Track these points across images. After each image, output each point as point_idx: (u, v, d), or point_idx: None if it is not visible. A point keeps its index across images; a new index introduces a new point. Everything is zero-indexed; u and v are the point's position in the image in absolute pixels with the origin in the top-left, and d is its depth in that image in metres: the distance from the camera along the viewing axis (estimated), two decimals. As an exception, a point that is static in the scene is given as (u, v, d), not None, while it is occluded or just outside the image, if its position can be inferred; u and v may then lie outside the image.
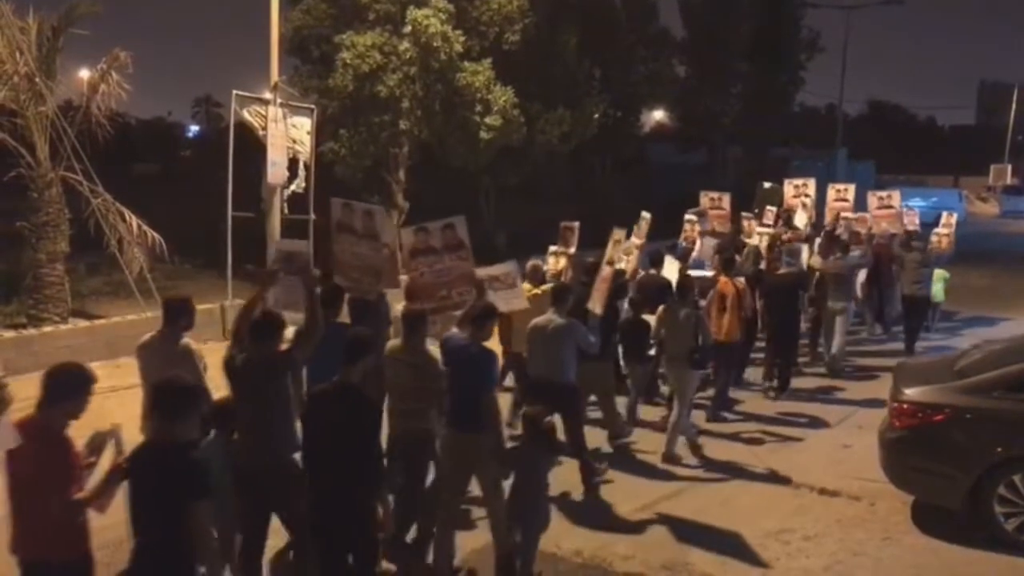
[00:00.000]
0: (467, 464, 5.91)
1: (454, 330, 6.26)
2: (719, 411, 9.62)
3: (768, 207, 14.78)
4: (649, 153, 40.82)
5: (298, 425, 5.17)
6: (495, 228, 21.03)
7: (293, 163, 13.74)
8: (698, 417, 9.22)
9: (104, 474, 4.33)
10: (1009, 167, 43.94)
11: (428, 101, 15.96)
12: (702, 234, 12.41)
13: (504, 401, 8.04)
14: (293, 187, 13.78)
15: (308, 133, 13.96)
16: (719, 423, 9.44)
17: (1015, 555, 6.37)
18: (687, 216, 12.93)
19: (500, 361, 6.79)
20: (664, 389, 9.67)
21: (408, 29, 15.40)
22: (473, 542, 6.29)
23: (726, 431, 9.22)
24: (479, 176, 19.50)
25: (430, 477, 6.10)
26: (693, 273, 10.09)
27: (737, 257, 10.75)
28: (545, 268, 9.79)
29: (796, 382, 11.02)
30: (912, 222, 15.18)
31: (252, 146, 13.66)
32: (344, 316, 7.07)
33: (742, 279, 9.97)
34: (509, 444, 6.31)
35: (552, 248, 10.64)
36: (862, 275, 12.83)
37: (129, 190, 14.74)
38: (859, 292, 12.96)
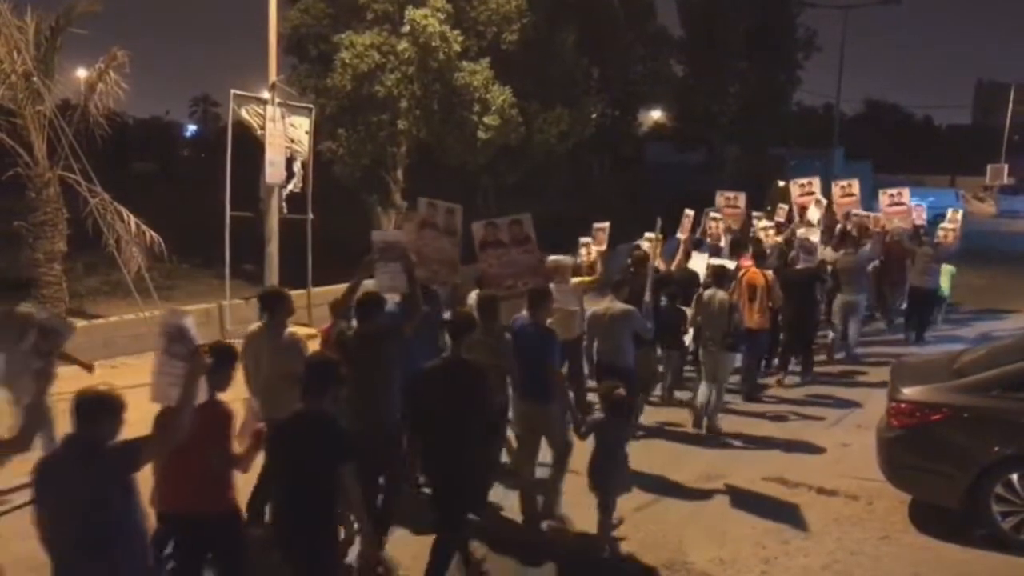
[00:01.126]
0: (536, 430, 6.64)
1: (523, 313, 6.91)
2: (753, 392, 10.33)
3: (780, 205, 15.26)
4: (647, 152, 40.88)
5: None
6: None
7: (291, 162, 13.74)
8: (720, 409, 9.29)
9: (250, 438, 4.79)
10: (1006, 167, 44.02)
11: (426, 100, 15.96)
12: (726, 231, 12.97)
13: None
14: (291, 186, 13.77)
15: (306, 132, 13.96)
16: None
17: (1012, 554, 6.38)
18: (712, 214, 13.41)
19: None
20: (680, 395, 10.09)
21: (406, 29, 15.42)
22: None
23: (725, 430, 9.24)
24: (477, 175, 19.50)
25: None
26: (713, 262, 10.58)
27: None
28: (578, 260, 10.34)
29: (793, 379, 11.11)
30: (920, 217, 15.71)
31: (250, 145, 13.65)
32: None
33: (771, 272, 10.43)
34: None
35: (583, 240, 11.18)
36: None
37: (127, 189, 14.73)
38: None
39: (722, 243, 12.46)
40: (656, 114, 41.58)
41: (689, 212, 12.93)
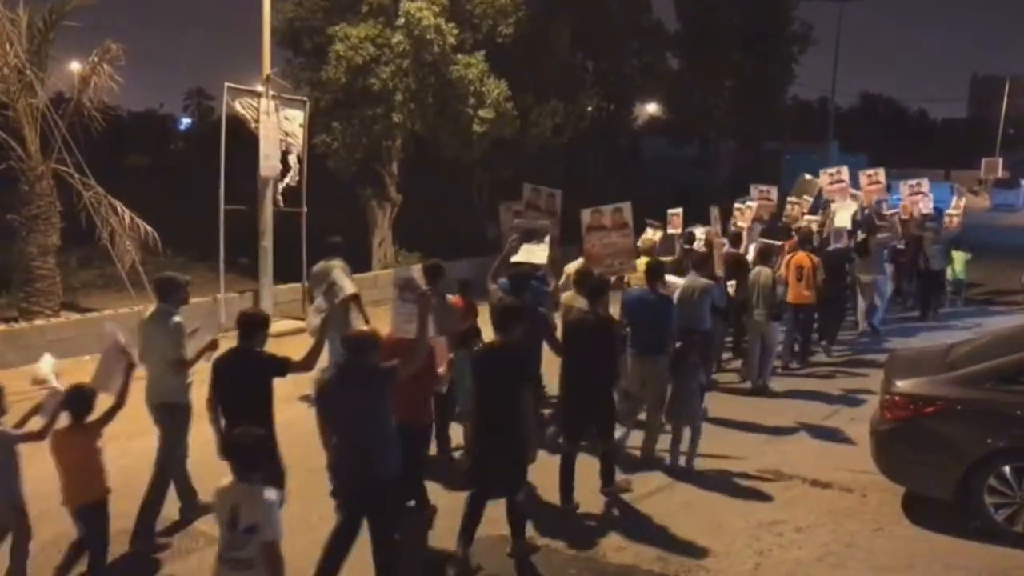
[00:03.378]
0: (647, 382, 7.98)
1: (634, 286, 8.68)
2: (804, 358, 11.84)
3: (805, 196, 16.21)
4: (642, 146, 40.88)
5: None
6: (488, 221, 20.98)
7: (286, 156, 13.70)
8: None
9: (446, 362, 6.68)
10: (1000, 160, 43.96)
11: (421, 94, 15.91)
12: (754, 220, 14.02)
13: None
14: (287, 180, 13.74)
15: (300, 126, 13.93)
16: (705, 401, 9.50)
17: (1005, 545, 6.41)
18: (736, 205, 14.40)
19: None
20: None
21: (401, 21, 15.35)
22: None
23: (721, 423, 9.25)
24: (472, 169, 19.47)
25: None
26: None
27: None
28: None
29: (789, 374, 11.18)
30: (927, 205, 16.94)
31: (245, 139, 13.61)
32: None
33: (815, 256, 11.66)
34: None
35: (650, 221, 12.48)
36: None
37: (121, 183, 14.68)
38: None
39: (744, 230, 13.20)
40: (651, 108, 41.53)
41: (739, 205, 13.97)
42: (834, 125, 40.15)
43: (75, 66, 13.72)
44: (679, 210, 13.35)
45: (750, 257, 11.51)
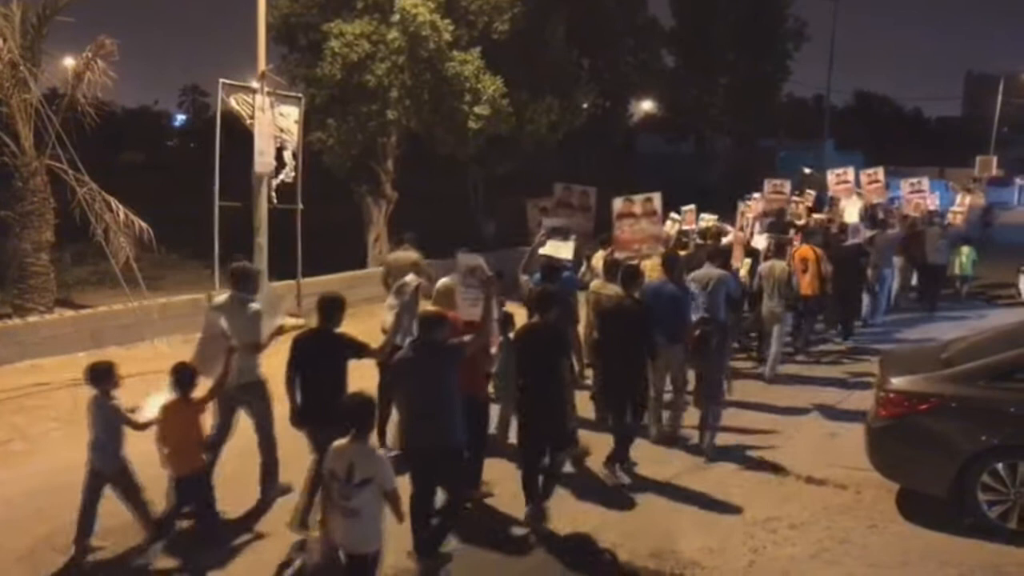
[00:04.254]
0: (667, 363, 8.45)
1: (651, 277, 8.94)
2: (808, 346, 12.49)
3: (808, 191, 16.85)
4: (637, 143, 40.85)
5: None
6: (483, 217, 21.00)
7: (281, 152, 13.65)
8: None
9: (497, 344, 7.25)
10: (995, 158, 44.10)
11: (416, 90, 15.88)
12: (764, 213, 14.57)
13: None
14: (282, 176, 13.69)
15: (296, 122, 13.87)
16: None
17: (999, 542, 6.44)
18: (747, 200, 14.92)
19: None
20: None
21: (396, 18, 15.32)
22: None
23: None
24: (468, 165, 19.45)
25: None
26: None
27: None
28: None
29: (784, 369, 11.20)
30: (933, 202, 17.89)
31: (240, 136, 13.56)
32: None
33: (819, 248, 12.18)
34: None
35: (674, 216, 13.13)
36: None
37: (115, 179, 14.63)
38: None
39: (752, 221, 13.81)
40: (646, 105, 41.49)
41: (690, 206, 14.13)
42: (829, 123, 40.12)
43: (69, 62, 13.67)
44: (692, 206, 13.87)
45: (759, 246, 12.19)
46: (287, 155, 13.72)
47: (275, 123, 13.49)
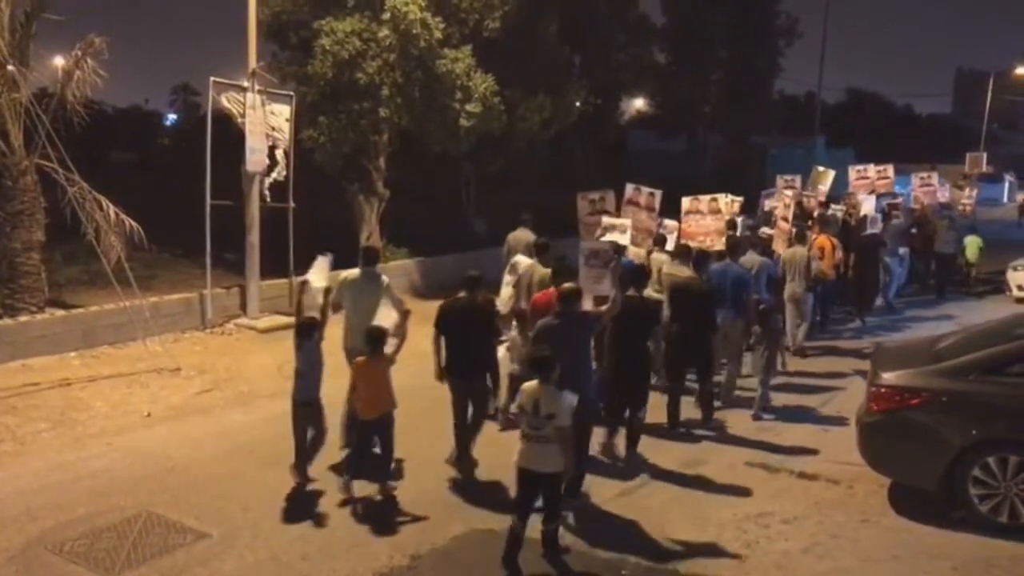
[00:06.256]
0: (729, 336, 9.63)
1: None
2: (825, 326, 13.81)
3: (819, 186, 17.76)
4: (629, 140, 40.81)
5: None
6: (475, 215, 20.99)
7: (272, 151, 13.62)
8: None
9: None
10: (984, 155, 44.22)
11: (408, 88, 15.83)
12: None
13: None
14: (274, 175, 13.66)
15: (287, 120, 13.85)
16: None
17: (989, 535, 6.48)
18: (769, 200, 15.68)
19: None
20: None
21: (387, 16, 15.27)
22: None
23: (698, 418, 9.28)
24: (459, 163, 19.42)
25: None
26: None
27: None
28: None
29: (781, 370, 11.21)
30: (943, 195, 19.26)
31: (231, 134, 13.52)
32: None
33: (835, 238, 13.50)
34: None
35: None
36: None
37: (107, 178, 14.57)
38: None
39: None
40: (638, 102, 41.56)
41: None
42: (820, 119, 40.16)
43: (58, 60, 13.59)
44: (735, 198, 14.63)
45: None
46: (278, 153, 13.69)
47: (266, 121, 13.47)
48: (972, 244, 17.91)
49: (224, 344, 12.37)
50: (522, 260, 10.04)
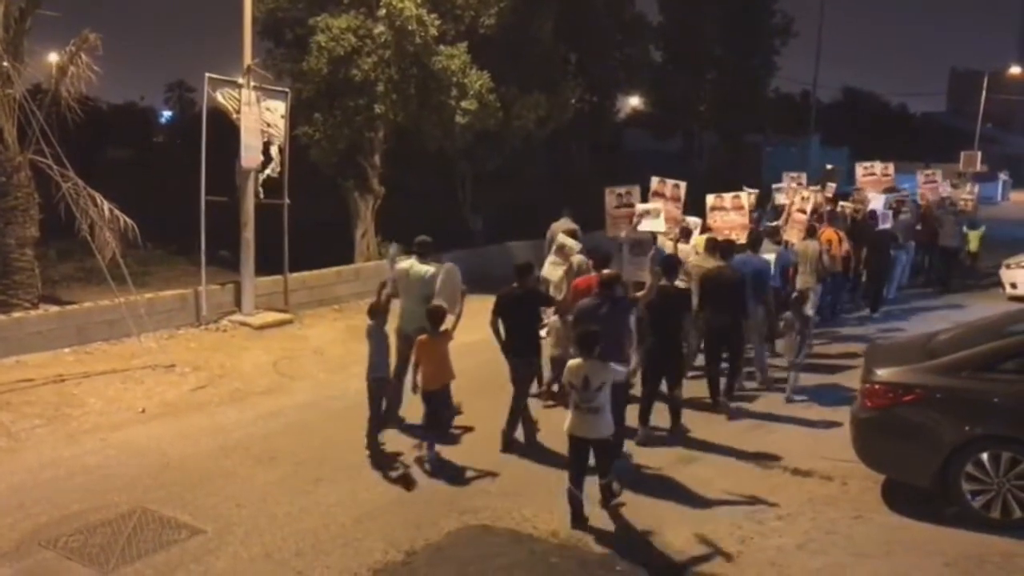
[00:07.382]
0: (752, 323, 10.14)
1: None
2: (836, 316, 14.35)
3: (829, 183, 18.42)
4: (625, 139, 40.82)
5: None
6: (471, 213, 20.96)
7: (268, 147, 13.59)
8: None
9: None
10: (979, 154, 44.37)
11: (403, 85, 15.82)
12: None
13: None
14: (269, 171, 13.63)
15: (282, 117, 13.81)
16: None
17: (982, 531, 6.50)
18: (782, 195, 16.28)
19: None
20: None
21: (383, 12, 15.26)
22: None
23: (704, 412, 9.31)
24: (455, 161, 19.41)
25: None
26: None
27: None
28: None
29: (772, 362, 11.19)
30: (945, 191, 20.01)
31: (226, 131, 13.48)
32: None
33: (841, 232, 14.08)
34: None
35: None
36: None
37: (101, 175, 14.56)
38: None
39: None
40: (634, 100, 41.51)
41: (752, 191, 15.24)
42: (816, 118, 40.22)
43: (53, 57, 13.54)
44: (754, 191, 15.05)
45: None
46: (273, 150, 13.65)
47: (262, 117, 13.43)
48: (974, 236, 18.91)
49: (219, 341, 12.35)
50: (572, 244, 10.99)
